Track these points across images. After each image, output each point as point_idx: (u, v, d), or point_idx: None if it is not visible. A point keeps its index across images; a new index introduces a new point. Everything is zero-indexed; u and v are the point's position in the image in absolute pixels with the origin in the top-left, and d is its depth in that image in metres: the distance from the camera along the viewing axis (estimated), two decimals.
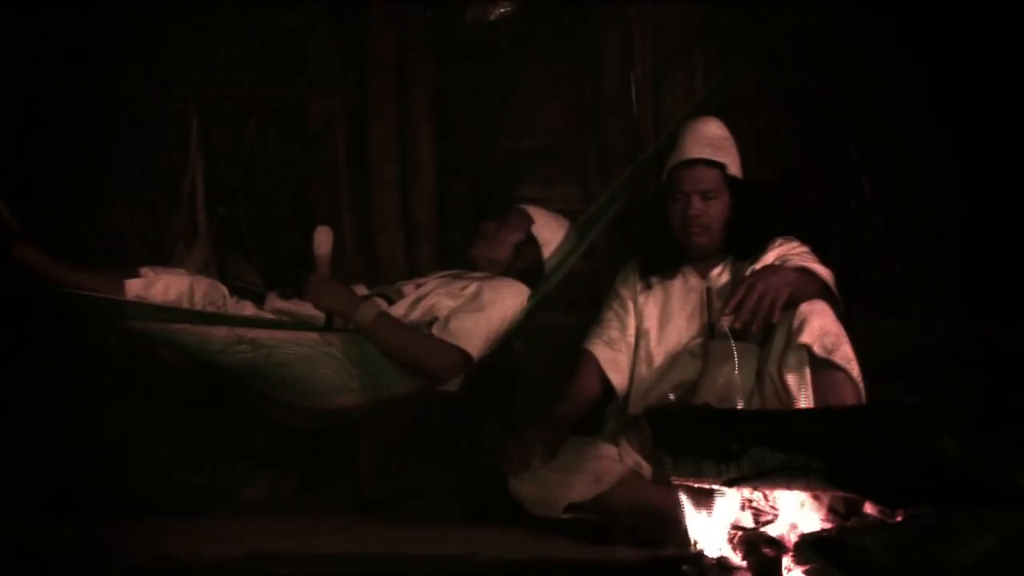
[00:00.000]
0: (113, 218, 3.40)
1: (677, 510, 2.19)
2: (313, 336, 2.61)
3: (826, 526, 2.07)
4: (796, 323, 2.44)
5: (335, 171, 3.52)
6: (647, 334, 2.74)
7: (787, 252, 2.63)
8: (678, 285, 2.75)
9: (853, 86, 3.50)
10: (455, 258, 3.36)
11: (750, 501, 2.14)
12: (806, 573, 1.92)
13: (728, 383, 2.52)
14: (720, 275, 2.71)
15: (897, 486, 1.94)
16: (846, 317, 2.51)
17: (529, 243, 2.90)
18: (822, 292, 2.52)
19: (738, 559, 2.05)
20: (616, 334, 2.76)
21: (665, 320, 2.73)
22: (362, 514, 2.86)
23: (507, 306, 2.73)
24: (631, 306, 2.78)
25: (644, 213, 2.93)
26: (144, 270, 2.67)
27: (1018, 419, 1.95)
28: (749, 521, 2.13)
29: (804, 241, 2.71)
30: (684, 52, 3.58)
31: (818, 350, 2.41)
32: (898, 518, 1.94)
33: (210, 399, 2.95)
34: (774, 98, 3.57)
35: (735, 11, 3.45)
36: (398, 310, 2.74)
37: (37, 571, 2.27)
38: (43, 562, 2.28)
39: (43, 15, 3.20)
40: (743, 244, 2.69)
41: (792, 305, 2.45)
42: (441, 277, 2.88)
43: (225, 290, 2.75)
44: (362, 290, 2.85)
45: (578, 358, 2.78)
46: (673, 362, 2.68)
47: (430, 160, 3.60)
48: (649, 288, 2.77)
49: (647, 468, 2.52)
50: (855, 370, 2.42)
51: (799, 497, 2.11)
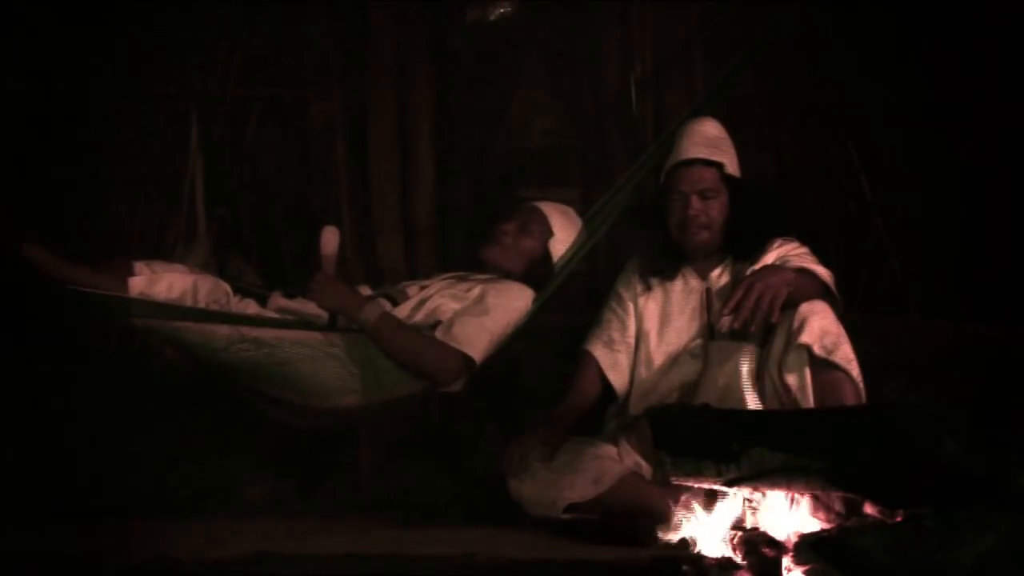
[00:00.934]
0: (113, 218, 3.40)
1: (677, 510, 2.19)
2: (316, 336, 2.60)
3: (826, 526, 2.07)
4: (796, 323, 2.44)
5: (335, 171, 3.52)
6: (647, 335, 2.74)
7: (787, 252, 2.63)
8: (678, 286, 2.75)
9: (853, 86, 3.50)
10: (454, 258, 3.37)
11: (750, 501, 2.15)
12: (806, 573, 1.92)
13: (728, 383, 2.52)
14: (720, 276, 2.71)
15: (897, 486, 1.94)
16: (846, 317, 2.51)
17: (544, 260, 2.86)
18: (822, 292, 2.52)
19: (738, 559, 2.05)
20: (616, 335, 2.76)
21: (665, 321, 2.73)
22: (362, 514, 2.86)
23: (511, 310, 2.71)
24: (631, 307, 2.78)
25: (643, 214, 2.92)
26: (139, 265, 2.67)
27: (1018, 419, 1.95)
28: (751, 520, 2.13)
29: (804, 241, 2.71)
30: (684, 52, 3.58)
31: (818, 350, 2.41)
32: (898, 518, 1.94)
33: (210, 398, 2.95)
34: (774, 98, 3.57)
35: (735, 11, 3.45)
36: (402, 312, 2.72)
37: (37, 571, 2.26)
38: (43, 562, 2.28)
39: (43, 16, 3.20)
40: (742, 244, 2.69)
41: (792, 305, 2.45)
42: (445, 279, 2.86)
43: (228, 288, 2.74)
44: (366, 291, 2.85)
45: (578, 359, 2.78)
46: (673, 363, 2.68)
47: (430, 160, 3.59)
48: (649, 289, 2.77)
49: (647, 468, 2.52)
50: (855, 370, 2.42)
51: (799, 497, 2.12)
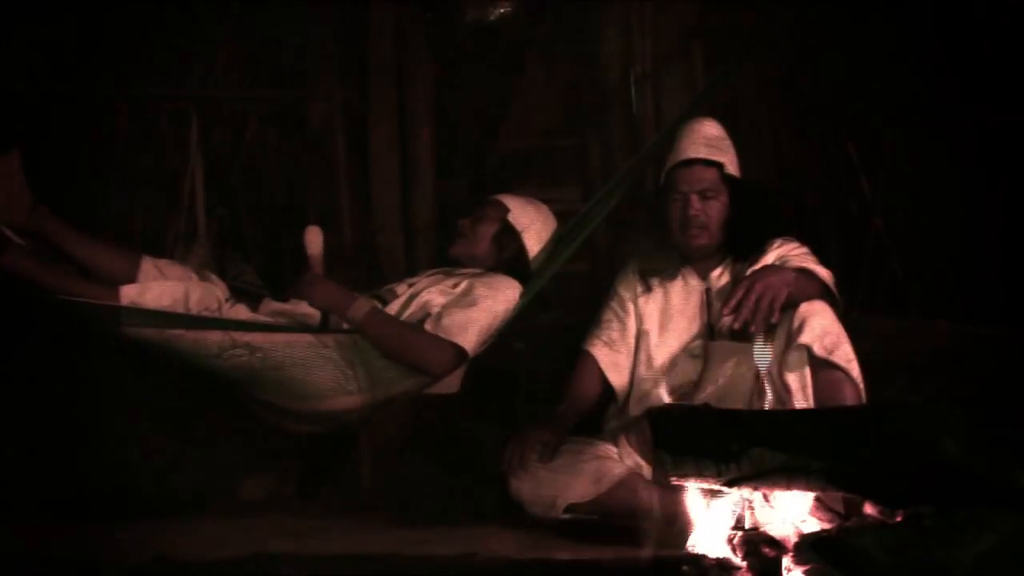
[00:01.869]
0: (113, 218, 3.40)
1: (677, 511, 2.19)
2: (309, 338, 2.61)
3: (826, 526, 2.07)
4: (796, 323, 2.44)
5: (335, 171, 3.52)
6: (647, 335, 2.74)
7: (786, 253, 2.64)
8: (678, 286, 2.75)
9: (853, 86, 3.50)
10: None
11: (750, 503, 2.14)
12: (806, 573, 1.91)
13: (728, 384, 2.52)
14: (720, 276, 2.71)
15: (897, 486, 1.94)
16: (846, 317, 2.51)
17: (507, 232, 2.88)
18: (822, 292, 2.52)
19: (738, 559, 2.05)
20: (616, 335, 2.76)
21: (665, 321, 2.73)
22: (362, 514, 2.86)
23: (499, 300, 2.73)
24: (631, 307, 2.78)
25: (643, 214, 2.93)
26: (146, 260, 2.68)
27: (1018, 419, 1.95)
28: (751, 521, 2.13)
29: (804, 241, 2.71)
30: (684, 52, 3.58)
31: (818, 350, 2.41)
32: (898, 518, 1.93)
33: (210, 398, 2.95)
34: (774, 98, 3.57)
35: (735, 11, 3.45)
36: (391, 309, 2.75)
37: (37, 571, 2.26)
38: (43, 562, 2.28)
39: (43, 16, 3.20)
40: (742, 244, 2.69)
41: (792, 305, 2.45)
42: (432, 275, 2.88)
43: (220, 294, 2.75)
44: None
45: (578, 359, 2.78)
46: (673, 363, 2.69)
47: (430, 160, 3.59)
48: (649, 289, 2.77)
49: (647, 468, 2.52)
50: (855, 370, 2.42)
51: (799, 497, 2.11)
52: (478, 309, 2.68)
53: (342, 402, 2.65)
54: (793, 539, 2.04)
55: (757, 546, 2.03)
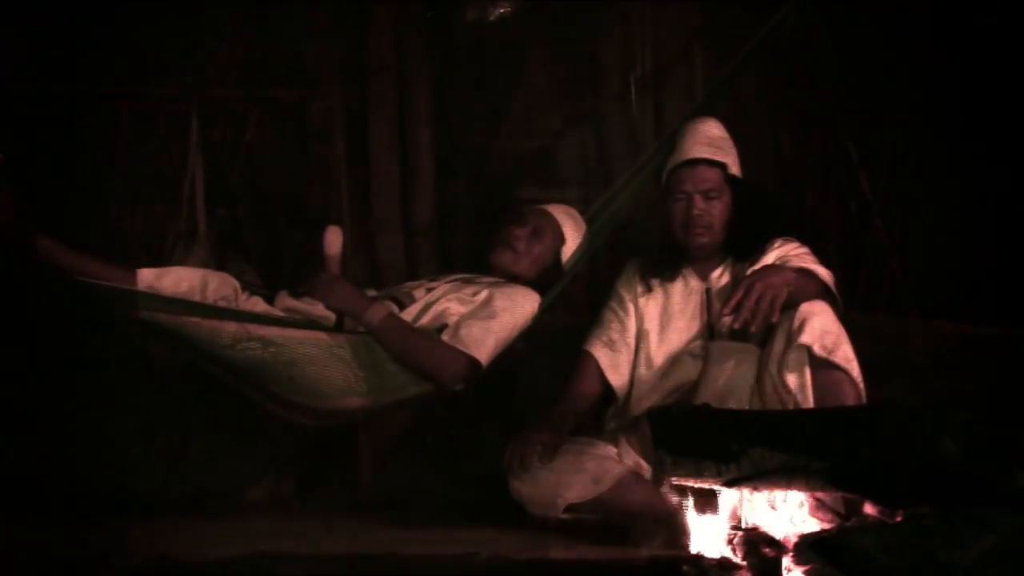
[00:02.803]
0: (113, 218, 3.40)
1: (677, 511, 2.19)
2: (322, 336, 2.59)
3: (826, 526, 2.07)
4: (796, 323, 2.44)
5: (335, 171, 3.52)
6: (647, 335, 2.74)
7: (787, 253, 2.64)
8: (678, 287, 2.75)
9: (853, 86, 3.51)
10: (455, 258, 3.37)
11: (750, 502, 2.14)
12: (806, 573, 1.92)
13: (728, 384, 2.52)
14: (720, 276, 2.71)
15: (897, 486, 1.94)
16: (846, 317, 2.51)
17: (554, 266, 2.84)
18: (822, 292, 2.52)
19: (738, 559, 2.05)
20: (616, 335, 2.76)
21: (665, 321, 2.73)
22: (362, 514, 2.86)
23: (518, 314, 2.71)
24: (631, 308, 2.78)
25: (644, 214, 2.92)
26: (142, 272, 2.66)
27: (1018, 419, 1.95)
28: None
29: (804, 241, 2.71)
30: (684, 53, 3.58)
31: (818, 350, 2.41)
32: (898, 518, 1.94)
33: (210, 399, 2.95)
34: (774, 98, 3.57)
35: (735, 12, 3.45)
36: (408, 315, 2.70)
37: (37, 571, 2.26)
38: (43, 562, 2.28)
39: (43, 15, 3.20)
40: (743, 244, 2.69)
41: (792, 305, 2.45)
42: (452, 281, 2.84)
43: (237, 285, 2.73)
44: (371, 293, 2.84)
45: (578, 359, 2.78)
46: (673, 363, 2.68)
47: (430, 160, 3.59)
48: (649, 290, 2.77)
49: (647, 468, 2.51)
50: (855, 370, 2.42)
51: (799, 497, 2.12)
52: (497, 322, 2.65)
53: (351, 402, 2.63)
54: (793, 539, 2.04)
55: (757, 546, 2.03)
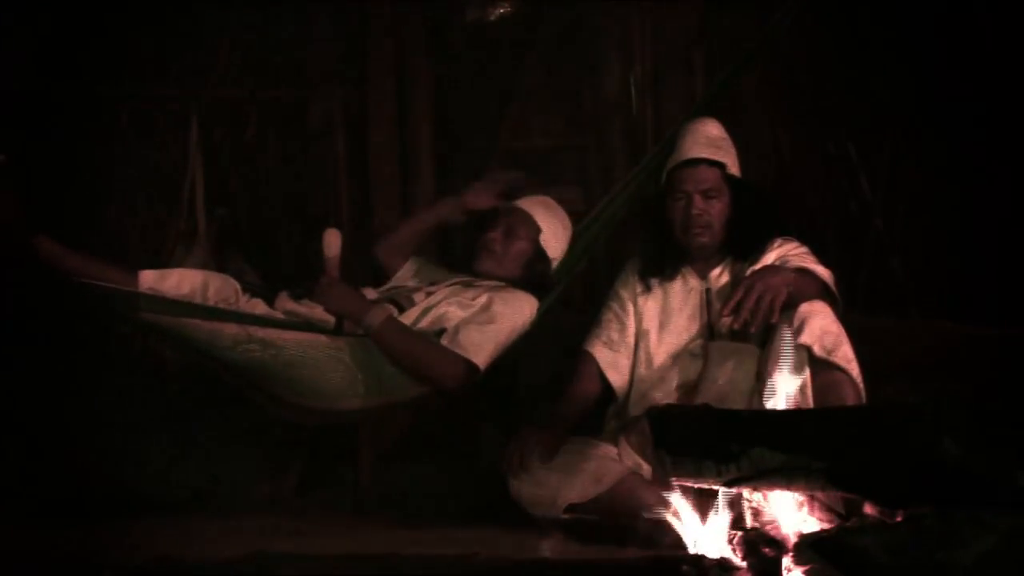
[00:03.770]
0: (113, 218, 3.40)
1: (677, 511, 2.19)
2: (322, 339, 2.60)
3: (826, 526, 2.07)
4: (796, 323, 2.44)
5: (335, 171, 3.52)
6: (647, 335, 2.74)
7: (787, 253, 2.63)
8: (678, 286, 2.74)
9: (853, 86, 3.51)
10: (454, 258, 3.36)
11: (750, 502, 2.14)
12: (806, 573, 1.92)
13: (728, 384, 2.52)
14: (720, 276, 2.71)
15: (897, 486, 1.93)
16: (846, 317, 2.51)
17: (538, 257, 2.87)
18: (822, 293, 2.52)
19: (738, 559, 2.05)
20: (616, 335, 2.76)
21: (665, 321, 2.73)
22: (362, 514, 2.86)
23: (517, 318, 2.72)
24: (631, 307, 2.78)
25: (644, 214, 2.92)
26: (143, 274, 2.67)
27: (1018, 419, 1.95)
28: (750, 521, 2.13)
29: (804, 241, 2.71)
30: (684, 53, 3.58)
31: (818, 350, 2.41)
32: (898, 518, 1.93)
33: (210, 398, 2.95)
34: (774, 98, 3.57)
35: (735, 12, 3.45)
36: (407, 319, 2.71)
37: (37, 571, 2.26)
38: (43, 562, 2.28)
39: (43, 15, 3.20)
40: (743, 244, 2.69)
41: (791, 306, 2.45)
42: (451, 285, 2.84)
43: (238, 287, 2.73)
44: (371, 293, 2.84)
45: (577, 359, 2.78)
46: (673, 363, 2.68)
47: (430, 160, 3.60)
48: (649, 289, 2.77)
49: (647, 468, 2.51)
50: (855, 370, 2.42)
51: (800, 497, 2.11)
52: (496, 327, 2.67)
53: (349, 404, 2.64)
54: (793, 539, 2.04)
55: (757, 546, 2.03)
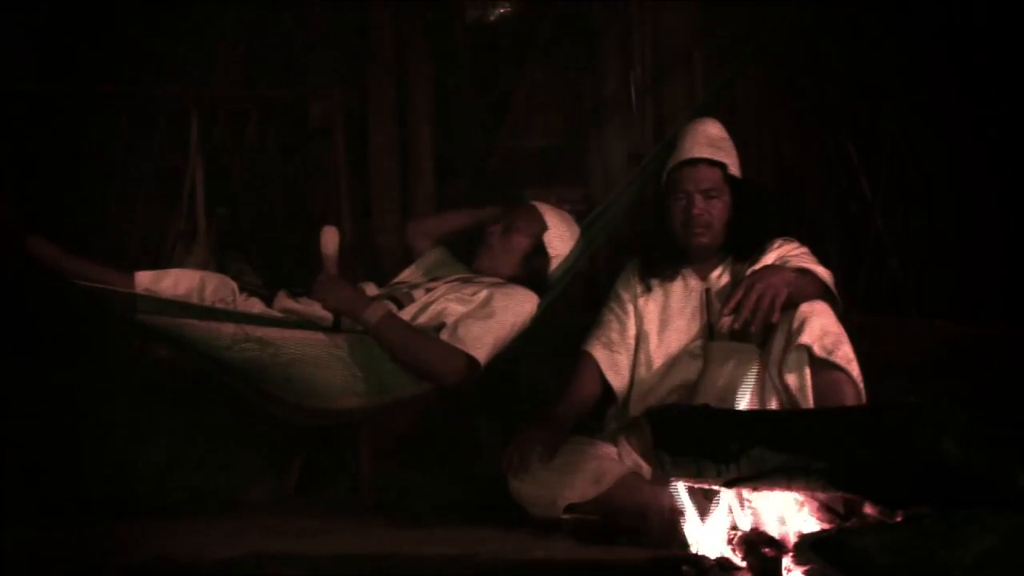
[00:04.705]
0: (113, 218, 3.40)
1: (677, 511, 2.19)
2: (320, 337, 2.60)
3: (826, 526, 2.07)
4: (796, 324, 2.44)
5: (335, 171, 3.52)
6: (647, 336, 2.74)
7: (787, 253, 2.64)
8: (678, 287, 2.74)
9: (853, 86, 3.51)
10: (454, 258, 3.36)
11: (750, 503, 2.14)
12: (806, 573, 1.92)
13: (728, 384, 2.52)
14: (720, 276, 2.71)
15: (897, 486, 1.94)
16: (846, 317, 2.51)
17: (538, 254, 2.87)
18: (822, 293, 2.52)
19: (738, 559, 2.05)
20: (616, 336, 2.76)
21: (665, 322, 2.73)
22: (362, 514, 2.85)
23: (516, 313, 2.72)
24: (631, 308, 2.78)
25: (644, 214, 2.93)
26: (139, 275, 2.67)
27: (1018, 419, 1.95)
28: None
29: (804, 241, 2.71)
30: (684, 52, 3.58)
31: (818, 350, 2.41)
32: (898, 518, 1.93)
33: (210, 398, 2.95)
34: (774, 98, 3.57)
35: (735, 12, 3.45)
36: (406, 314, 2.72)
37: (37, 571, 2.26)
38: (43, 562, 2.28)
39: (43, 15, 3.20)
40: (743, 245, 2.69)
41: (792, 305, 2.45)
42: (451, 282, 2.85)
43: (235, 286, 2.74)
44: (372, 289, 2.84)
45: (577, 359, 2.78)
46: (673, 363, 2.68)
47: (430, 160, 3.60)
48: (649, 290, 2.77)
49: (647, 468, 2.51)
50: (855, 370, 2.42)
51: (799, 498, 2.11)
52: (495, 321, 2.67)
53: (349, 402, 2.64)
54: (793, 539, 2.04)
55: (757, 546, 2.03)
